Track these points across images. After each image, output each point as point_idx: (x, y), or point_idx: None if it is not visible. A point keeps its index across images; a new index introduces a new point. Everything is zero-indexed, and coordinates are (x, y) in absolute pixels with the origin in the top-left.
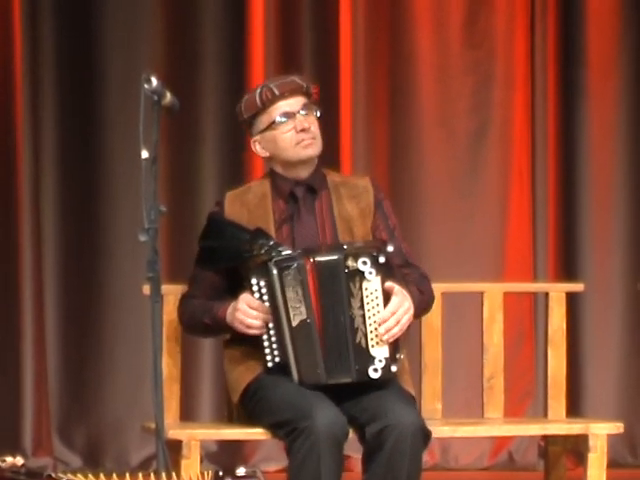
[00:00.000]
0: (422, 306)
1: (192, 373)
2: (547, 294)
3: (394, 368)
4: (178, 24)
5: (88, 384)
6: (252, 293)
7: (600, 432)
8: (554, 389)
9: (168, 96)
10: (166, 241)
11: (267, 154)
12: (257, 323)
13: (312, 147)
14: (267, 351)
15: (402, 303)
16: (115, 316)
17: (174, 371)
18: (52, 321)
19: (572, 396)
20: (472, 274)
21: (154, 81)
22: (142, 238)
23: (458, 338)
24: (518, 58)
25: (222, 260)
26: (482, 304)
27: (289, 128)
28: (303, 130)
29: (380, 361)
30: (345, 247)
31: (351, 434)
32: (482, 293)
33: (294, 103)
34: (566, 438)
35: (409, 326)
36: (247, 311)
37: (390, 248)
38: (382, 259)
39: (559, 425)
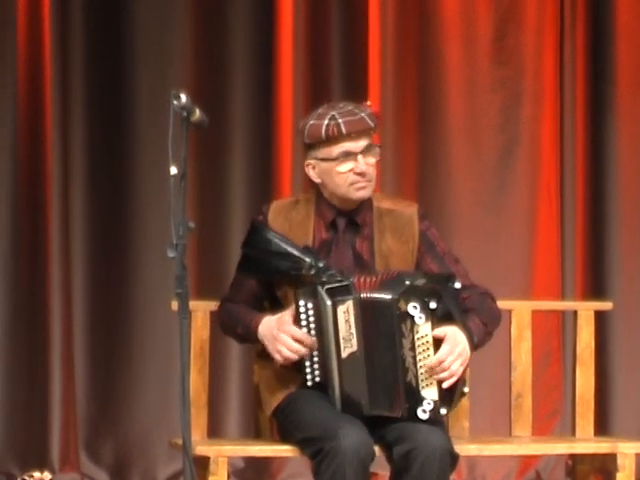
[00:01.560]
0: (486, 337)
1: (220, 389)
2: (576, 312)
3: (443, 411)
4: (207, 40)
5: (116, 400)
6: (298, 314)
7: (628, 451)
8: (582, 407)
9: (197, 112)
10: (194, 257)
11: (319, 180)
12: (296, 358)
13: (365, 190)
14: (308, 370)
15: (452, 349)
16: (143, 332)
17: (202, 387)
18: (80, 336)
19: (600, 415)
20: (500, 292)
21: (183, 97)
22: (170, 254)
23: (486, 356)
24: (547, 74)
25: (266, 272)
26: (510, 322)
27: (348, 169)
28: (360, 174)
29: (429, 403)
30: (406, 282)
31: (379, 452)
32: (510, 311)
33: (358, 144)
34: (594, 457)
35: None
36: (290, 344)
37: (458, 285)
38: (433, 305)
39: (587, 444)
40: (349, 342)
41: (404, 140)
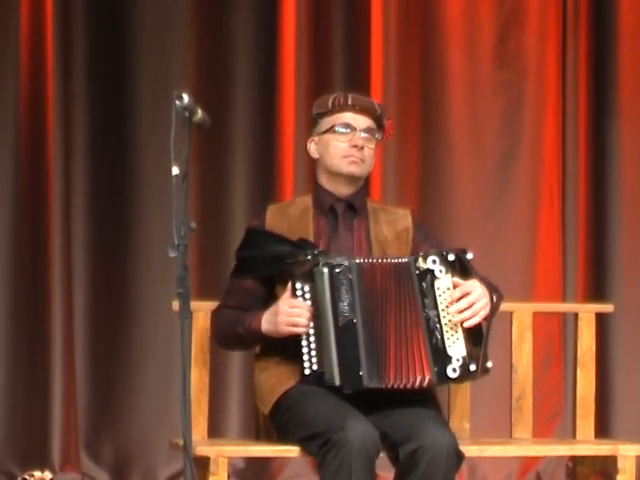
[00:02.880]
0: (498, 303)
1: (220, 390)
2: (577, 315)
3: (473, 367)
4: (209, 41)
5: (116, 400)
6: (295, 296)
7: (629, 453)
8: (583, 410)
9: (199, 113)
10: (196, 257)
11: (317, 156)
12: (303, 321)
13: (357, 166)
14: (305, 357)
15: (474, 288)
16: (144, 332)
17: (202, 387)
18: (81, 336)
19: (601, 417)
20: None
21: (185, 98)
22: (172, 254)
23: None
24: (549, 78)
25: (262, 267)
26: (511, 324)
27: (345, 140)
28: (355, 146)
29: (457, 360)
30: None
31: (382, 452)
32: (511, 313)
33: (360, 119)
34: (594, 459)
35: (489, 326)
36: (290, 311)
37: (470, 255)
38: (451, 257)
39: (587, 446)
40: (345, 309)
41: (406, 143)
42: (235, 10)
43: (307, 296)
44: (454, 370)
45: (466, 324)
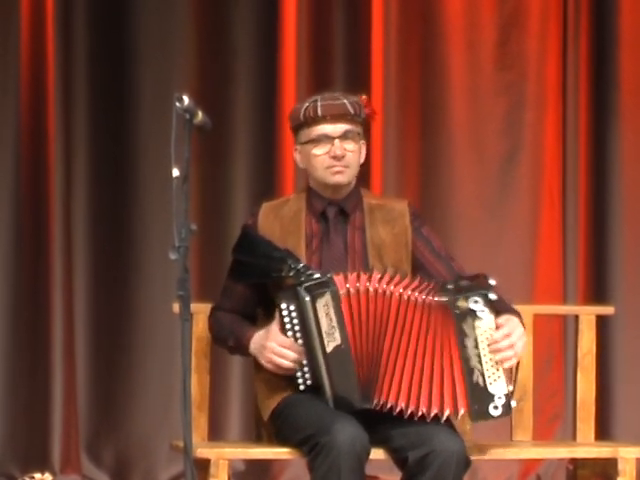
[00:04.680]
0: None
1: (221, 392)
2: (577, 317)
3: (514, 403)
4: (210, 42)
5: (117, 402)
6: (282, 318)
7: (629, 456)
8: (583, 412)
9: (200, 115)
10: (196, 259)
11: (302, 166)
12: (287, 364)
13: (341, 175)
14: (299, 374)
15: (514, 329)
16: (145, 334)
17: (203, 390)
18: (82, 339)
19: (601, 419)
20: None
21: (186, 100)
22: (172, 256)
23: None
24: (550, 80)
25: (252, 276)
26: None
27: (324, 151)
28: (335, 157)
29: (500, 398)
30: (449, 285)
31: (384, 456)
32: None
33: (335, 128)
34: (595, 462)
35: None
36: (278, 351)
37: (492, 281)
38: (493, 296)
39: (588, 448)
40: (332, 336)
41: (407, 144)
42: (235, 11)
43: (293, 315)
44: (496, 408)
45: (507, 364)
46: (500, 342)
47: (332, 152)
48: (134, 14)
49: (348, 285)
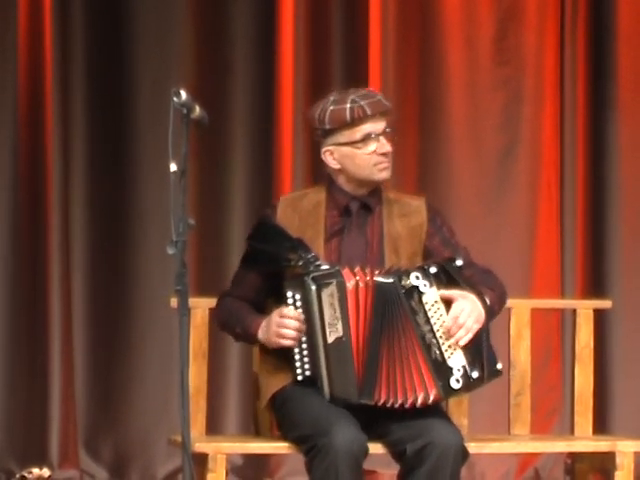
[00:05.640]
0: (495, 301)
1: (219, 386)
2: (575, 311)
3: (475, 374)
4: (208, 38)
5: (115, 397)
6: (287, 305)
7: (627, 450)
8: (581, 406)
9: (197, 109)
10: (194, 254)
11: (338, 166)
12: (292, 333)
13: (387, 171)
14: (298, 364)
15: (464, 306)
16: (143, 329)
17: (201, 384)
18: (80, 333)
19: (599, 413)
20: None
21: (183, 94)
22: (170, 251)
23: None
24: (547, 74)
25: (263, 263)
26: (509, 320)
27: (372, 150)
28: (383, 154)
29: (458, 370)
30: (403, 269)
31: (382, 450)
32: (509, 309)
33: (380, 125)
34: (593, 455)
35: (487, 329)
36: (280, 321)
37: (459, 262)
38: (433, 269)
39: (586, 442)
40: (334, 327)
41: (405, 139)
42: (233, 7)
43: (298, 304)
44: (457, 381)
45: (461, 342)
46: (451, 327)
47: (381, 149)
48: (132, 10)
49: (358, 278)
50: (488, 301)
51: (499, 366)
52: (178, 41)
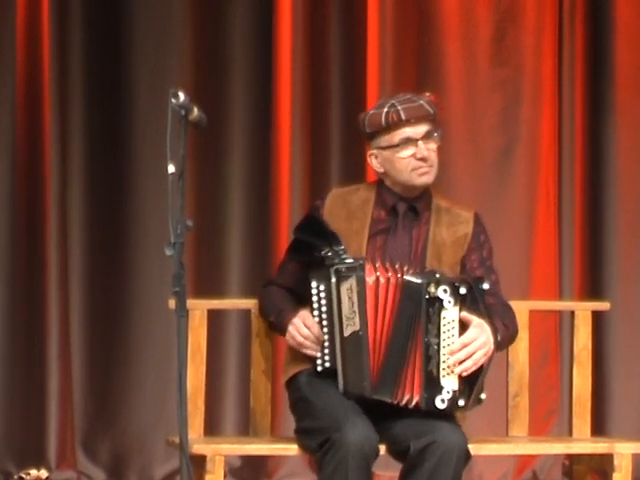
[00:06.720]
0: (506, 340)
1: (217, 388)
2: (573, 312)
3: (461, 402)
4: (206, 40)
5: (113, 398)
6: (311, 296)
7: (625, 451)
8: (579, 408)
9: (195, 111)
10: (192, 256)
11: (382, 170)
12: (306, 343)
13: (427, 175)
14: (318, 354)
15: (478, 336)
16: (141, 330)
17: (199, 386)
18: (78, 335)
19: (597, 415)
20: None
21: (182, 96)
22: (168, 252)
23: None
24: (546, 75)
25: (301, 253)
26: None
27: (409, 154)
28: (422, 159)
29: (448, 392)
30: (437, 275)
31: (382, 451)
32: None
33: (418, 130)
34: (591, 457)
35: (489, 363)
36: (300, 328)
37: (486, 285)
38: (463, 290)
39: (584, 444)
40: (351, 320)
41: None
42: (232, 9)
43: (322, 295)
44: (442, 401)
45: (465, 373)
46: (457, 351)
47: (419, 154)
48: (130, 11)
49: (378, 274)
50: (499, 338)
51: (483, 396)
52: (176, 42)
